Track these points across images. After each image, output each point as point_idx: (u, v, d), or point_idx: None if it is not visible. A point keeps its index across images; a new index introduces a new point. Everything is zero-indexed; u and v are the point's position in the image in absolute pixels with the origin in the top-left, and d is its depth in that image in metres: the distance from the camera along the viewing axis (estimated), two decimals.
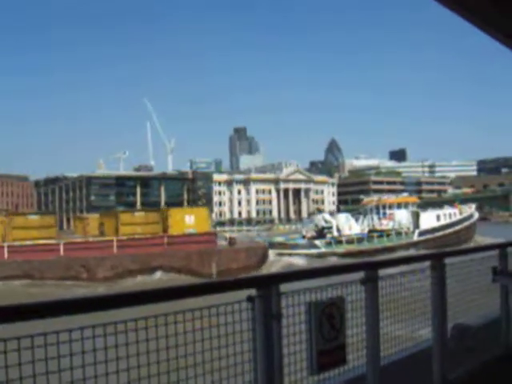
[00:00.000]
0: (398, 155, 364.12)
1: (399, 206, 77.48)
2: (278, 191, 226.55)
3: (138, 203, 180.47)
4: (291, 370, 4.36)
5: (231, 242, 57.63)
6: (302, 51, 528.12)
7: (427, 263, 6.30)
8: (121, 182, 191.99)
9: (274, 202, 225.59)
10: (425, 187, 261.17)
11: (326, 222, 71.14)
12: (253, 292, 4.11)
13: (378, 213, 76.86)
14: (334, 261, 56.72)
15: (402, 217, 74.07)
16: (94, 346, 3.25)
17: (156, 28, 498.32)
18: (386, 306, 5.45)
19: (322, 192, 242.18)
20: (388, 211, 76.35)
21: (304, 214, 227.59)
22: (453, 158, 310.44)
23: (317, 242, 66.03)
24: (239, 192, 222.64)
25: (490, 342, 7.30)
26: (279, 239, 71.71)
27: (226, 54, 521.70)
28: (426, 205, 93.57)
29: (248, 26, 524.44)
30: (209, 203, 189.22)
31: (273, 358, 4.14)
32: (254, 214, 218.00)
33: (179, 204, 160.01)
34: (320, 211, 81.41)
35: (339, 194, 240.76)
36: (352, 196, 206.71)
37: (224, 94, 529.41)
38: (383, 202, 79.35)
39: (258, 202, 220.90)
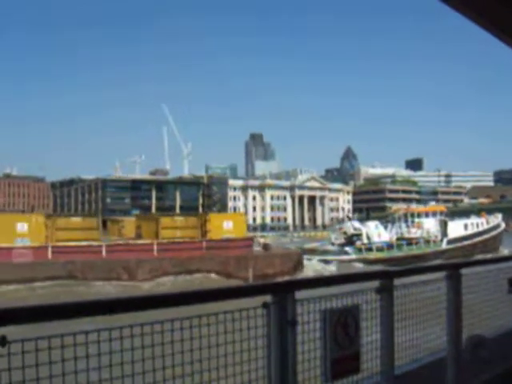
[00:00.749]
0: (415, 164, 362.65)
1: (427, 214, 77.82)
2: (292, 198, 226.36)
3: (153, 207, 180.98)
4: (305, 377, 4.36)
5: (266, 247, 58.58)
6: (320, 58, 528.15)
7: (443, 273, 6.27)
8: (136, 185, 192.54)
9: (289, 209, 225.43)
10: (441, 197, 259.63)
11: (355, 229, 71.91)
12: (268, 298, 4.12)
13: (406, 221, 77.27)
14: (358, 267, 58.19)
15: (430, 225, 74.51)
16: (110, 349, 3.27)
17: (176, 28, 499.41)
18: (400, 316, 5.43)
19: (337, 200, 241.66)
20: (416, 219, 76.79)
21: (319, 221, 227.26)
22: (469, 169, 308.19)
23: (347, 248, 67.21)
24: (254, 198, 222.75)
25: (505, 354, 7.24)
26: (311, 245, 73.34)
27: (244, 58, 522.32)
28: (452, 214, 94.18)
29: (266, 30, 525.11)
30: (224, 209, 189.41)
31: (287, 365, 4.14)
32: (268, 221, 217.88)
33: (194, 209, 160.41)
34: (350, 219, 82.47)
35: (354, 201, 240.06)
36: (367, 204, 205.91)
37: (241, 99, 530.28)
38: (411, 210, 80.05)
39: (272, 209, 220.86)
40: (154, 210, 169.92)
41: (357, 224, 74.94)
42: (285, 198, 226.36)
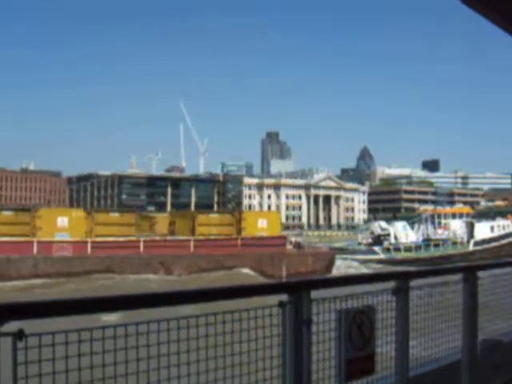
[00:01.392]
0: (431, 165, 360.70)
1: (454, 216, 79.34)
2: (308, 197, 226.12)
3: (169, 204, 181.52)
4: (319, 377, 4.35)
5: (298, 246, 59.72)
6: (339, 58, 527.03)
7: (459, 275, 6.24)
8: (152, 182, 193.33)
9: (304, 208, 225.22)
10: (457, 198, 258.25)
11: (382, 229, 73.65)
12: (284, 297, 4.12)
13: (432, 222, 78.41)
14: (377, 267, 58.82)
15: (457, 227, 75.30)
16: (125, 344, 3.28)
17: (200, 25, 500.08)
18: (416, 317, 5.41)
19: (353, 200, 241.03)
20: (443, 221, 78.19)
21: (333, 220, 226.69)
22: (487, 170, 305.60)
23: (376, 248, 68.62)
24: (269, 196, 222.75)
25: None
26: (339, 245, 75.02)
27: (263, 57, 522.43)
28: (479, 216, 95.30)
29: (285, 28, 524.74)
30: (239, 206, 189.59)
31: (302, 365, 4.14)
32: (283, 219, 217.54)
33: (209, 206, 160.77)
34: (376, 219, 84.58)
35: (370, 202, 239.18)
36: (383, 205, 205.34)
37: (258, 97, 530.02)
38: (438, 211, 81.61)
39: (287, 208, 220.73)
40: (169, 206, 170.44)
41: (384, 224, 76.45)
42: (300, 197, 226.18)
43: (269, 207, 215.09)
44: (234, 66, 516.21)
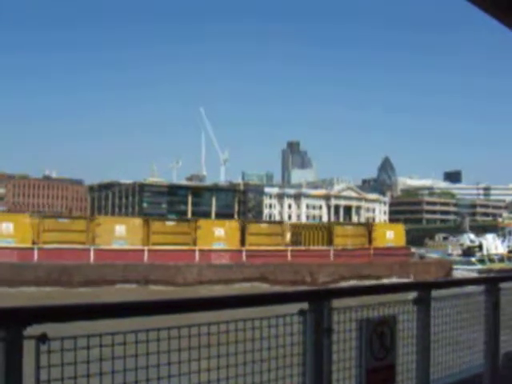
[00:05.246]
0: (453, 176, 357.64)
1: None
2: (328, 207, 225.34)
3: (189, 213, 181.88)
4: None
5: (421, 256, 66.51)
6: (361, 68, 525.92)
7: (482, 287, 6.18)
8: (173, 190, 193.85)
9: (325, 218, 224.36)
10: (479, 210, 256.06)
11: (471, 241, 78.15)
12: (305, 306, 4.11)
13: None
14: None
15: None
16: (147, 350, 3.30)
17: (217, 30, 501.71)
18: (438, 328, 5.37)
19: (374, 210, 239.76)
20: None
21: None
22: (510, 182, 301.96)
23: (473, 259, 70.78)
24: (290, 206, 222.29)
25: None
26: (435, 255, 78.15)
27: (285, 66, 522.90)
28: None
29: (310, 39, 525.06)
30: (259, 216, 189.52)
31: (322, 373, 4.12)
32: None
33: (229, 215, 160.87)
34: (465, 231, 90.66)
35: (391, 213, 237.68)
36: (404, 216, 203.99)
37: (279, 106, 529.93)
38: None
39: (308, 217, 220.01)
40: (189, 215, 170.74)
41: (472, 236, 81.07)
42: (320, 207, 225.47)
43: (289, 217, 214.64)
44: (255, 73, 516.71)
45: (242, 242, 55.30)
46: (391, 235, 61.41)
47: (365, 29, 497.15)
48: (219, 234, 54.77)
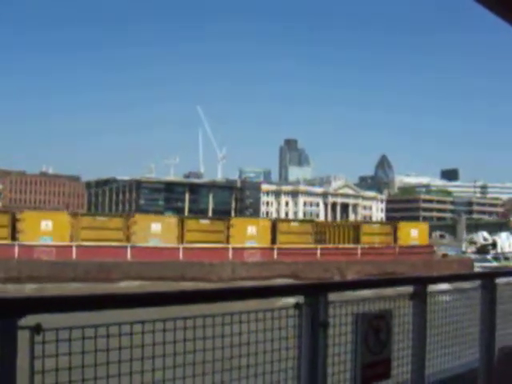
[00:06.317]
0: (450, 175, 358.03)
1: None
2: (325, 205, 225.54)
3: (186, 210, 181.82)
4: (334, 381, 4.33)
5: (443, 254, 68.52)
6: (360, 68, 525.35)
7: (478, 282, 6.19)
8: (170, 187, 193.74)
9: (322, 216, 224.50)
10: (476, 208, 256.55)
11: (484, 239, 79.96)
12: (301, 299, 4.11)
13: None
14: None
15: None
16: (142, 342, 3.29)
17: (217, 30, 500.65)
18: (433, 323, 5.37)
19: (371, 208, 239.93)
20: None
21: None
22: (507, 180, 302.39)
23: (488, 256, 72.04)
24: (287, 203, 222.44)
25: None
26: (452, 253, 79.81)
27: (283, 64, 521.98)
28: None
29: (312, 40, 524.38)
30: (256, 213, 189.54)
31: (317, 367, 4.12)
32: None
33: (227, 212, 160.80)
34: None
35: (387, 210, 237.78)
36: (401, 213, 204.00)
37: (277, 104, 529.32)
38: None
39: (305, 215, 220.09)
40: (186, 212, 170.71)
41: (486, 234, 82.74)
42: (318, 205, 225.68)
43: (286, 214, 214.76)
44: (253, 72, 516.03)
45: (273, 240, 56.28)
46: (415, 234, 63.34)
47: (364, 29, 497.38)
48: (251, 233, 55.98)
